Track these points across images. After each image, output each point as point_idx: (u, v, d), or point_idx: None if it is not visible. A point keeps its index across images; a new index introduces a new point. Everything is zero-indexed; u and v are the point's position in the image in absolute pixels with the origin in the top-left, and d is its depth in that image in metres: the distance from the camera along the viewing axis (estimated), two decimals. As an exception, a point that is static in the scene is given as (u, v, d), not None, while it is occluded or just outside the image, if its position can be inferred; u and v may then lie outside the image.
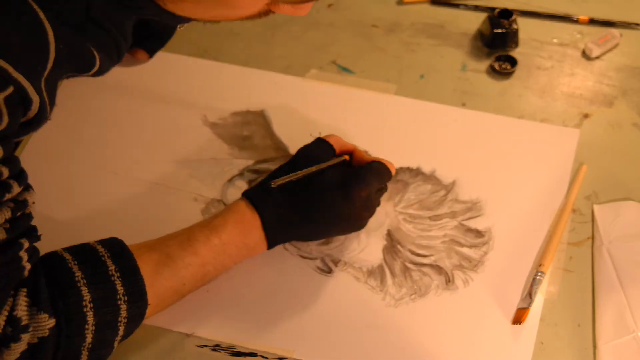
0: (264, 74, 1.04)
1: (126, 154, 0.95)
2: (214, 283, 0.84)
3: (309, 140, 0.96)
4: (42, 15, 0.64)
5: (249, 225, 0.80)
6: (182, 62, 1.04)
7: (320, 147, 0.85)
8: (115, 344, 0.73)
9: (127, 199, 0.91)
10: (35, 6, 0.64)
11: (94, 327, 0.69)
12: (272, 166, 0.93)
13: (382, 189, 0.86)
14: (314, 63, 1.05)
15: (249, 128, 0.98)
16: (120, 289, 0.71)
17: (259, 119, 0.99)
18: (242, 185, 0.92)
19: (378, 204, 0.86)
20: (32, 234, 0.70)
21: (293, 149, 0.95)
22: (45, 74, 0.66)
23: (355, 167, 0.86)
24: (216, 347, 0.80)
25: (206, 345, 0.80)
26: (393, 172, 0.85)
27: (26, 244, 0.68)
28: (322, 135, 0.87)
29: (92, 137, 0.97)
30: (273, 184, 0.79)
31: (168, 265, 0.76)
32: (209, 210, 0.90)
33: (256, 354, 0.79)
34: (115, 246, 0.74)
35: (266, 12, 0.71)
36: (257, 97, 1.01)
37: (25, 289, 0.67)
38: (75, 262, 0.71)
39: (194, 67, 1.04)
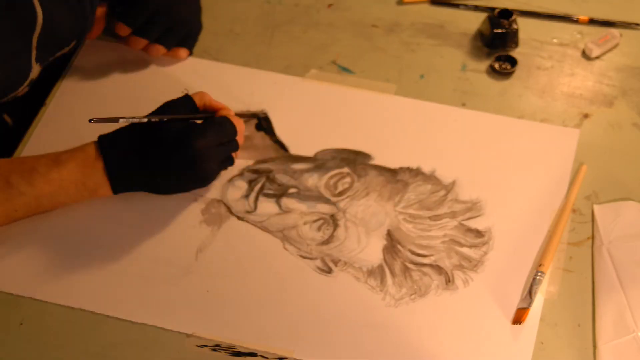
0: (264, 74, 1.04)
1: (126, 154, 0.95)
2: (214, 283, 0.84)
3: (308, 139, 0.96)
4: None
5: (91, 166, 0.82)
6: (183, 62, 1.04)
7: (182, 104, 0.86)
8: None
9: (127, 199, 0.91)
10: None
11: None
12: (272, 166, 0.94)
13: (227, 144, 0.86)
14: (314, 63, 1.05)
15: (249, 128, 0.98)
16: None
17: (259, 119, 0.99)
18: (242, 185, 0.92)
19: (228, 161, 0.87)
20: None
21: (293, 149, 0.95)
22: None
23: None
24: (216, 347, 0.80)
25: (206, 345, 0.80)
26: (239, 128, 0.86)
27: None
28: (187, 92, 0.88)
29: (92, 138, 0.97)
30: (93, 120, 0.78)
31: (4, 190, 0.79)
32: (209, 210, 0.90)
33: (256, 354, 0.79)
34: None
35: None
36: (257, 97, 1.01)
37: None
38: None
39: (194, 67, 1.04)
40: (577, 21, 1.09)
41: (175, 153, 0.82)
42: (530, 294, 0.82)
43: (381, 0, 1.12)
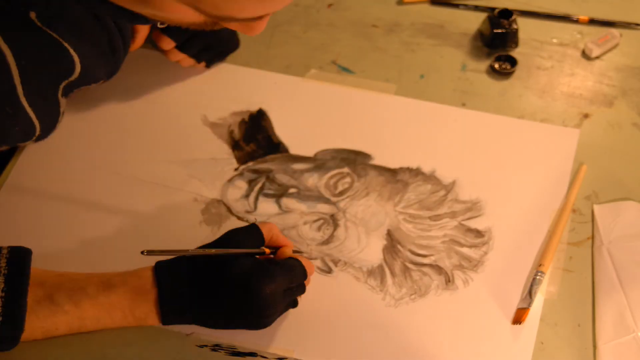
0: (264, 74, 1.04)
1: (126, 154, 0.95)
2: (214, 283, 0.84)
3: (308, 139, 0.96)
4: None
5: (143, 295, 0.77)
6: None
7: (249, 233, 0.79)
8: None
9: (127, 199, 0.91)
10: None
11: None
12: (272, 166, 0.94)
13: (294, 289, 0.79)
14: (314, 63, 1.05)
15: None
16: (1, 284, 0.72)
17: (259, 119, 0.99)
18: (242, 185, 0.92)
19: (292, 304, 0.80)
20: None
21: (293, 149, 0.95)
22: (19, 91, 0.67)
23: (268, 260, 0.80)
24: (216, 347, 0.80)
25: (206, 345, 0.80)
26: (310, 272, 0.80)
27: None
28: (257, 222, 0.81)
29: (91, 137, 0.97)
30: (146, 252, 0.71)
31: (46, 307, 0.75)
32: (209, 210, 0.90)
33: (256, 354, 0.79)
34: (18, 264, 0.74)
35: (210, 25, 0.66)
36: (257, 97, 1.01)
37: None
38: None
39: (194, 67, 1.04)
40: (577, 21, 1.09)
41: (239, 296, 0.75)
42: (530, 294, 0.82)
43: (381, 0, 1.12)
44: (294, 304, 0.81)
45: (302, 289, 0.81)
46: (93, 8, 0.74)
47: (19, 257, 0.75)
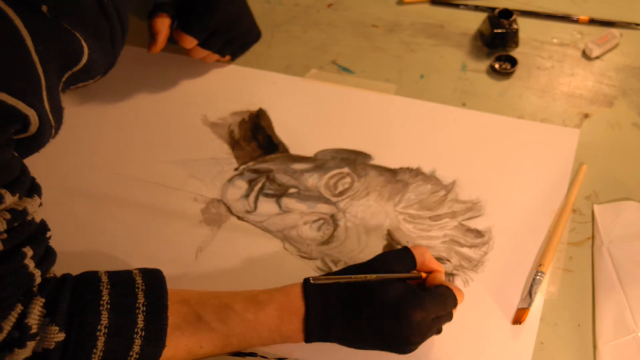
0: (264, 74, 1.04)
1: (126, 154, 0.95)
2: (214, 283, 0.84)
3: (308, 139, 0.96)
4: (17, 23, 0.64)
5: (291, 314, 0.75)
6: (183, 61, 1.04)
7: (401, 257, 0.78)
8: None
9: (127, 199, 0.91)
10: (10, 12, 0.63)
11: (101, 354, 0.68)
12: (273, 166, 0.94)
13: (443, 317, 0.77)
14: (314, 63, 1.05)
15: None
16: (140, 323, 0.69)
17: (259, 119, 0.99)
18: (242, 185, 0.92)
19: (437, 331, 0.78)
20: (37, 241, 0.69)
21: (293, 149, 0.95)
22: (43, 89, 0.66)
23: (420, 287, 0.79)
24: (216, 347, 0.80)
25: (206, 345, 0.80)
26: (460, 300, 0.78)
27: (30, 252, 0.67)
28: (409, 245, 0.82)
29: (92, 138, 0.97)
30: (312, 280, 0.72)
31: (193, 324, 0.73)
32: (209, 210, 0.90)
33: (256, 354, 0.79)
34: (152, 280, 0.72)
35: None
36: (257, 97, 1.01)
37: (43, 300, 0.67)
38: (108, 286, 0.70)
39: (194, 67, 1.04)
40: (577, 21, 1.09)
41: (388, 321, 0.74)
42: (530, 294, 0.82)
43: (381, 0, 1.13)
44: (439, 331, 0.78)
45: (449, 317, 0.78)
46: None
47: (153, 274, 0.73)
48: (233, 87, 1.02)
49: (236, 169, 0.94)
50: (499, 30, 1.04)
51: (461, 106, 1.00)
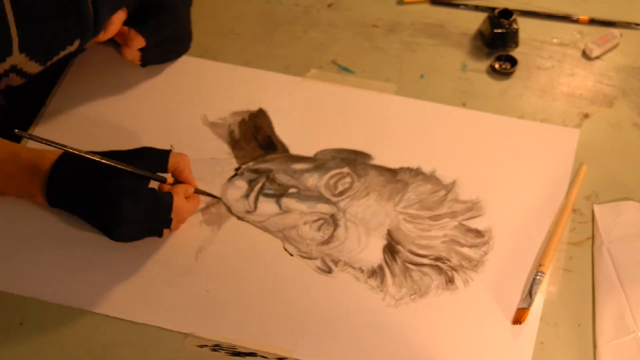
0: (264, 74, 1.04)
1: (126, 154, 0.95)
2: (214, 283, 0.84)
3: (308, 139, 0.96)
4: None
5: (36, 174, 0.84)
6: (182, 61, 1.04)
7: (155, 157, 0.85)
8: None
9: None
10: None
11: None
12: (272, 166, 0.94)
13: (158, 220, 0.84)
14: (314, 63, 1.05)
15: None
16: None
17: (259, 119, 0.99)
18: (242, 185, 0.92)
19: (156, 233, 0.84)
20: None
21: (293, 149, 0.95)
22: None
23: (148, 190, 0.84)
24: (216, 347, 0.80)
25: (206, 345, 0.80)
26: (186, 208, 0.85)
27: None
28: (173, 149, 0.86)
29: (92, 137, 0.97)
30: (17, 132, 0.78)
31: None
32: (209, 210, 0.90)
33: (256, 354, 0.79)
34: None
35: None
36: (257, 97, 1.01)
37: None
38: None
39: (194, 67, 1.04)
40: (577, 21, 1.09)
41: (101, 201, 0.81)
42: (530, 294, 0.82)
43: (381, 0, 1.12)
44: (159, 234, 0.85)
45: (166, 224, 0.84)
46: None
47: None
48: (233, 87, 1.02)
49: (236, 169, 0.94)
50: (499, 30, 1.04)
51: (461, 106, 1.00)
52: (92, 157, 0.81)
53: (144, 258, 0.86)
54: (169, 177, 0.86)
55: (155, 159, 0.85)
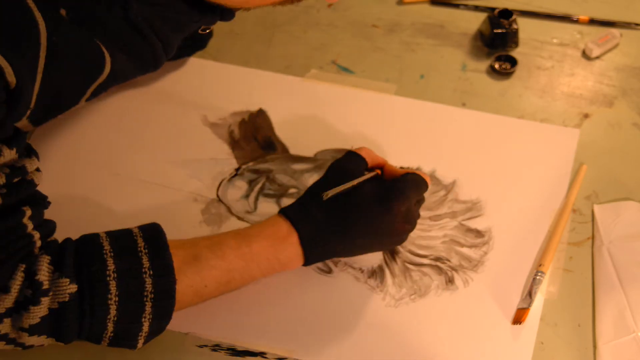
0: (264, 74, 1.04)
1: (126, 155, 0.95)
2: (214, 283, 0.84)
3: (308, 139, 0.96)
4: (30, 5, 0.66)
5: (283, 240, 0.78)
6: (182, 62, 1.04)
7: (352, 161, 0.83)
8: (144, 322, 0.72)
9: (127, 199, 0.91)
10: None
11: (117, 298, 0.70)
12: (272, 166, 0.94)
13: (420, 201, 0.83)
14: (314, 63, 1.05)
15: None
16: (146, 263, 0.71)
17: (259, 119, 0.99)
18: (242, 185, 0.92)
19: (418, 216, 0.83)
20: (37, 202, 0.71)
21: (293, 149, 0.95)
22: (39, 63, 0.68)
23: (388, 180, 0.83)
24: (216, 347, 0.80)
25: (206, 345, 0.80)
26: (429, 183, 0.83)
27: (29, 212, 0.69)
28: (353, 148, 0.85)
29: (92, 138, 0.97)
30: (325, 195, 0.77)
31: (192, 264, 0.75)
32: (209, 210, 0.90)
33: (256, 353, 0.79)
34: (150, 230, 0.75)
35: None
36: (257, 97, 1.01)
37: (49, 257, 0.69)
38: (107, 238, 0.73)
39: (194, 67, 1.04)
40: (577, 21, 1.09)
41: (379, 218, 0.78)
42: (530, 294, 0.82)
43: (381, 0, 1.13)
44: (419, 216, 0.84)
45: (423, 200, 0.84)
46: (143, 12, 0.75)
47: (150, 226, 0.76)
48: (233, 87, 1.02)
49: (236, 169, 0.94)
50: (499, 30, 1.04)
51: (461, 106, 1.00)
52: (343, 189, 0.79)
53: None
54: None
55: (356, 163, 0.83)
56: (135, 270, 0.71)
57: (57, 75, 0.72)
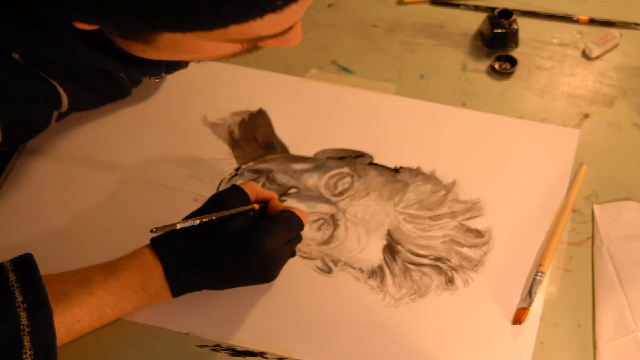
0: (264, 74, 1.04)
1: (126, 154, 0.95)
2: (214, 283, 0.84)
3: (308, 139, 0.96)
4: None
5: (150, 273, 0.77)
6: (182, 62, 1.04)
7: (233, 194, 0.82)
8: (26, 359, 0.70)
9: (127, 199, 0.91)
10: None
11: None
12: (272, 166, 0.94)
13: (294, 239, 0.82)
14: (314, 63, 1.05)
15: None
16: (19, 297, 0.70)
17: (259, 119, 0.99)
18: (242, 185, 0.92)
19: (291, 254, 0.83)
20: None
21: (293, 149, 0.95)
22: None
23: (265, 217, 0.83)
24: (216, 347, 0.80)
25: (206, 345, 0.80)
26: (305, 222, 0.82)
27: None
28: (238, 183, 0.84)
29: (92, 138, 0.97)
30: (154, 230, 0.73)
31: (62, 301, 0.73)
32: (209, 210, 0.90)
33: (256, 353, 0.79)
34: (22, 262, 0.74)
35: (251, 49, 0.69)
36: (257, 97, 1.01)
37: None
38: None
39: (194, 67, 1.04)
40: (577, 21, 1.09)
41: (244, 254, 0.78)
42: (530, 294, 0.82)
43: (381, 0, 1.12)
44: (293, 254, 0.84)
45: (299, 239, 0.84)
46: (96, 62, 0.74)
47: (24, 264, 0.74)
48: (233, 87, 1.02)
49: (236, 169, 0.94)
50: (499, 30, 1.04)
51: (461, 106, 1.00)
52: (207, 219, 0.77)
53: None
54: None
55: (236, 196, 0.81)
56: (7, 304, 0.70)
57: (16, 111, 0.75)
